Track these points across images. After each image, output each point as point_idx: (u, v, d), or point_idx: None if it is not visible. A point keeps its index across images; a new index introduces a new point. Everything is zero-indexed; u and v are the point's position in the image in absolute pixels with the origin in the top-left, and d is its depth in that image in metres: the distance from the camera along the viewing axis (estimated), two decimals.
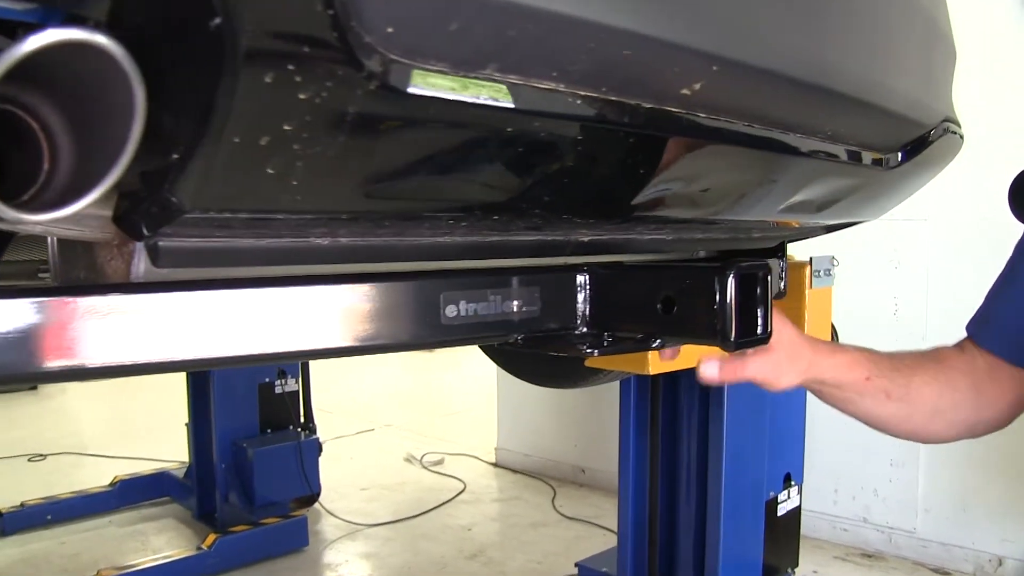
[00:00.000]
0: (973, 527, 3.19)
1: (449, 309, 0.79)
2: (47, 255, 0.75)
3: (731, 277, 0.82)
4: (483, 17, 0.50)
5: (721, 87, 0.71)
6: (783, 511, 2.33)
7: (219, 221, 0.58)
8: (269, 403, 3.72)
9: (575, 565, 2.78)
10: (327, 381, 4.90)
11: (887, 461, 3.36)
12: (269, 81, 0.45)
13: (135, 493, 3.93)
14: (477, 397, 5.67)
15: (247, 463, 3.54)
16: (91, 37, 0.41)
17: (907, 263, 3.32)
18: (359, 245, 0.69)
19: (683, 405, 2.30)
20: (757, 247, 1.28)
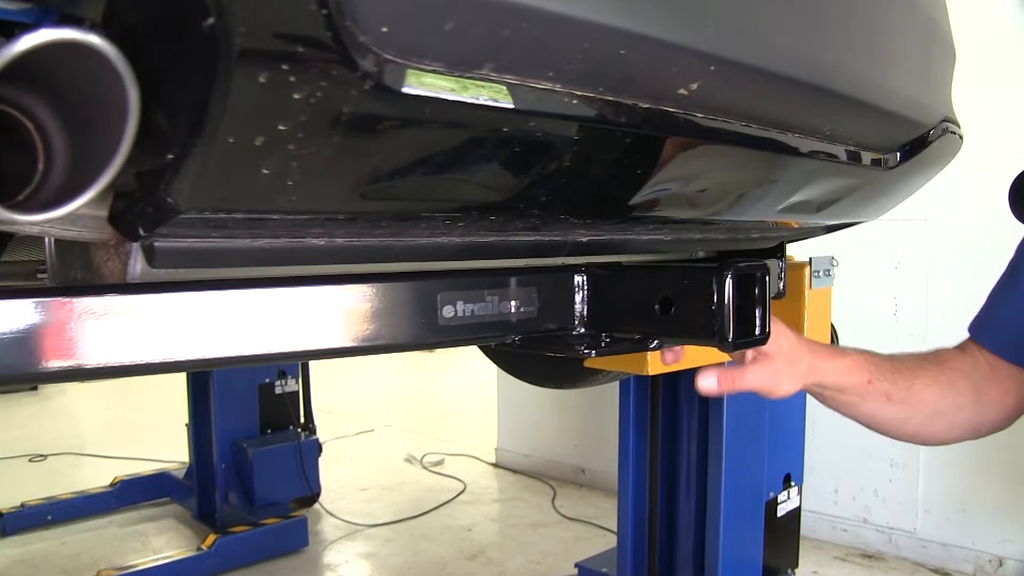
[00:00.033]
0: (973, 527, 3.19)
1: (446, 309, 0.79)
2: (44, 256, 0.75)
3: (729, 277, 0.82)
4: (478, 17, 0.50)
5: (718, 87, 0.71)
6: (783, 511, 2.32)
7: (215, 221, 0.58)
8: (269, 403, 3.72)
9: (575, 566, 2.78)
10: (327, 381, 4.90)
11: (887, 461, 3.36)
12: (263, 81, 0.45)
13: (135, 493, 3.94)
14: (477, 397, 5.67)
15: (247, 463, 3.55)
16: (83, 37, 0.41)
17: (907, 263, 3.32)
18: (356, 245, 0.69)
19: (683, 405, 2.30)
20: (756, 247, 1.28)
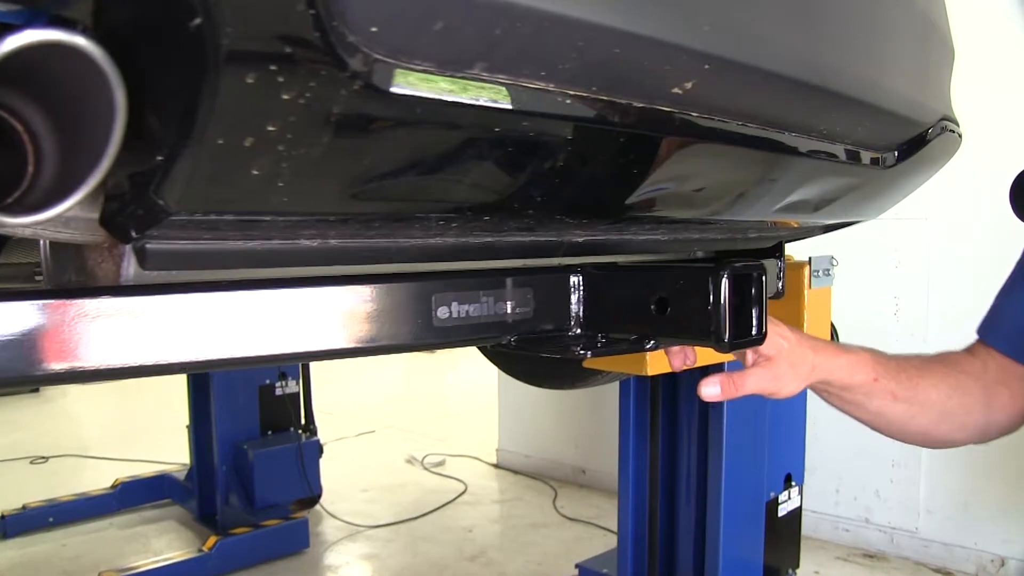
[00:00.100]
0: (975, 527, 3.18)
1: (441, 311, 0.78)
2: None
3: (725, 277, 0.81)
4: (469, 16, 0.49)
5: (713, 86, 0.71)
6: (783, 512, 2.32)
7: (206, 223, 0.57)
8: (270, 405, 3.72)
9: (575, 566, 2.77)
10: (328, 383, 4.89)
11: (889, 462, 3.35)
12: (251, 82, 0.45)
13: (136, 495, 3.95)
14: (478, 398, 5.67)
15: (248, 465, 3.55)
16: (69, 38, 0.41)
17: (908, 263, 3.32)
18: (349, 247, 0.69)
19: (683, 406, 2.29)
20: (754, 247, 1.27)
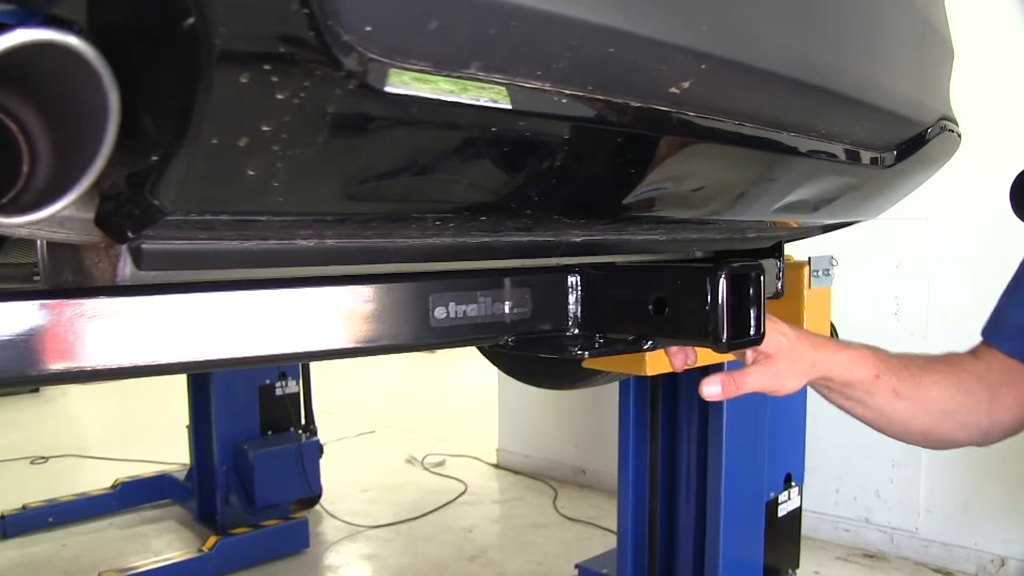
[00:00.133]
0: (975, 527, 3.18)
1: (438, 311, 0.78)
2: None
3: (723, 278, 0.81)
4: (464, 15, 0.49)
5: (710, 86, 0.71)
6: (783, 512, 2.32)
7: (202, 223, 0.57)
8: (270, 405, 3.72)
9: (575, 567, 2.77)
10: (328, 383, 4.89)
11: (889, 462, 3.35)
12: (246, 81, 0.45)
13: (136, 495, 3.95)
14: (478, 398, 5.66)
15: (248, 465, 3.55)
16: (60, 38, 0.41)
17: (908, 263, 3.31)
18: (346, 247, 0.69)
19: (682, 406, 2.29)
20: (753, 247, 1.27)
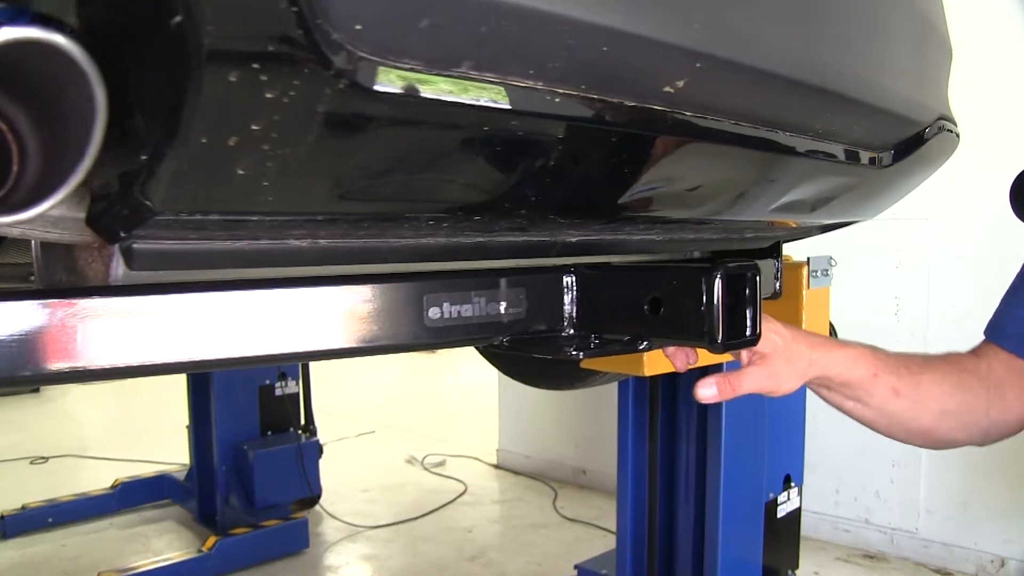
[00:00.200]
0: (975, 527, 3.18)
1: (432, 311, 0.78)
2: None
3: (718, 278, 0.81)
4: (455, 13, 0.49)
5: (706, 85, 0.70)
6: (783, 512, 2.31)
7: (192, 223, 0.57)
8: (270, 405, 3.72)
9: (574, 568, 2.77)
10: (328, 383, 4.90)
11: (889, 462, 3.34)
12: (234, 80, 0.45)
13: (136, 495, 3.95)
14: (478, 399, 5.66)
15: (248, 465, 3.55)
16: (46, 36, 0.40)
17: (908, 263, 3.31)
18: (338, 247, 0.68)
19: (681, 406, 2.29)
20: (751, 247, 1.27)
